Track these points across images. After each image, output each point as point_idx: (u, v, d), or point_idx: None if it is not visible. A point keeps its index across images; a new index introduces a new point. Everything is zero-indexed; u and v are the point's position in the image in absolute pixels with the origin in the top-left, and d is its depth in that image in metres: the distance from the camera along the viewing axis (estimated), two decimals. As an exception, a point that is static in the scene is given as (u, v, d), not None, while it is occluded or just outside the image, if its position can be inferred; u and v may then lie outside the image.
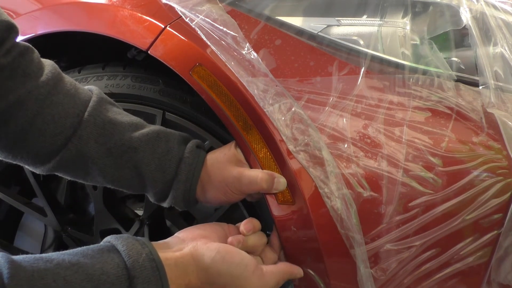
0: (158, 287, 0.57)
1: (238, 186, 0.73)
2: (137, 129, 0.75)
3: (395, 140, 0.73)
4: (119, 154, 0.72)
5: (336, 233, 0.71)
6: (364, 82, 0.77)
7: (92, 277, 0.54)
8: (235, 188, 0.74)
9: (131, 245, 0.59)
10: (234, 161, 0.75)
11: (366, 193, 0.71)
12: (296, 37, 0.80)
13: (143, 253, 0.58)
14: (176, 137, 0.77)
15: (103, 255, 0.57)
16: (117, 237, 0.61)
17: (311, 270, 0.74)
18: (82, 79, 0.92)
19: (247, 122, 0.74)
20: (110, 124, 0.72)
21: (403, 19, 0.85)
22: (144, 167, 0.73)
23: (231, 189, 0.74)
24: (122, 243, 0.59)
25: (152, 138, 0.74)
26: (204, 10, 0.79)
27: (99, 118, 0.72)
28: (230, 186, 0.74)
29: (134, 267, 0.56)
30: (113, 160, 0.72)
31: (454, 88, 0.78)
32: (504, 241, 0.74)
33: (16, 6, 0.98)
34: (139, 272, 0.56)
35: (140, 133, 0.74)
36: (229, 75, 0.75)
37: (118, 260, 0.57)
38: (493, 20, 0.84)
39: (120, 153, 0.72)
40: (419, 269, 0.73)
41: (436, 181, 0.72)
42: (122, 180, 0.75)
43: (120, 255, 0.57)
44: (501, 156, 0.74)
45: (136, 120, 0.76)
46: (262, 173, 0.72)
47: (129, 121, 0.75)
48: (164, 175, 0.74)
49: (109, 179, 0.74)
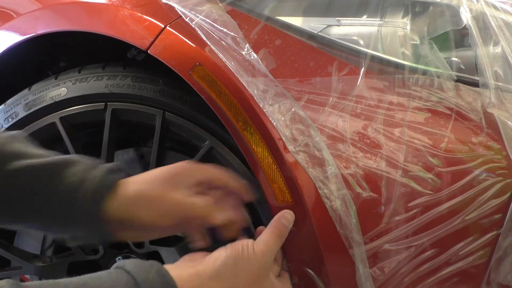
0: None
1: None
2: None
3: (395, 140, 0.73)
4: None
5: (335, 233, 0.71)
6: (364, 83, 0.77)
7: None
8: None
9: (139, 264, 0.58)
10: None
11: (366, 194, 0.71)
12: (296, 37, 0.80)
13: (152, 271, 0.57)
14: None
15: (111, 275, 0.56)
16: (124, 261, 0.60)
17: (310, 270, 0.74)
18: (82, 79, 0.92)
19: (247, 122, 0.74)
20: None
21: (403, 19, 0.85)
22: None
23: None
24: (130, 263, 0.58)
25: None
26: (204, 10, 0.79)
27: None
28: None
29: (144, 282, 0.56)
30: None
31: (454, 89, 0.78)
32: (504, 241, 0.74)
33: (16, 6, 0.98)
34: (149, 287, 0.56)
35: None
36: (229, 75, 0.75)
37: (127, 278, 0.56)
38: (493, 20, 0.84)
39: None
40: (418, 269, 0.73)
41: (436, 181, 0.72)
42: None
43: (129, 274, 0.57)
44: (500, 156, 0.74)
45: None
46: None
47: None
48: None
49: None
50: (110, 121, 0.89)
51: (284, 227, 0.71)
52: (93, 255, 0.94)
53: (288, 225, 0.71)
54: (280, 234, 0.70)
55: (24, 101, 0.94)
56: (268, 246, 0.68)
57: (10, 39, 0.94)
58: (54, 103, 0.91)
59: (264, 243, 0.68)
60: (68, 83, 0.91)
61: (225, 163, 0.85)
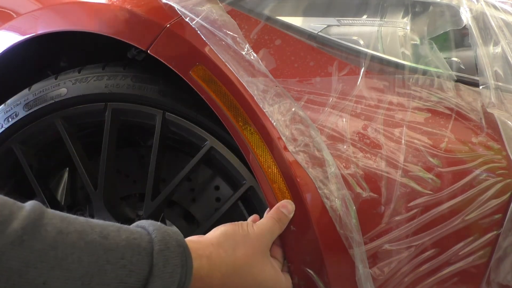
0: (182, 261, 0.57)
1: None
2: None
3: (395, 140, 0.73)
4: None
5: (335, 233, 0.71)
6: (364, 83, 0.77)
7: (119, 231, 0.54)
8: None
9: (158, 225, 0.59)
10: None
11: (366, 194, 0.71)
12: (296, 37, 0.80)
13: (170, 232, 0.58)
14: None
15: (130, 228, 0.57)
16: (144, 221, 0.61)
17: (310, 270, 0.74)
18: (82, 79, 0.92)
19: (247, 122, 0.74)
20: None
21: (403, 19, 0.85)
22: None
23: None
24: (150, 223, 0.59)
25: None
26: (204, 10, 0.79)
27: None
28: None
29: (161, 240, 0.56)
30: None
31: (454, 89, 0.78)
32: (504, 241, 0.74)
33: (16, 6, 0.98)
34: (164, 243, 0.56)
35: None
36: (229, 75, 0.75)
37: (144, 232, 0.57)
38: (493, 20, 0.84)
39: None
40: (418, 269, 0.73)
41: (436, 181, 0.72)
42: None
43: (147, 230, 0.57)
44: (500, 156, 0.74)
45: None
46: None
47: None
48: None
49: None
50: (110, 121, 0.89)
51: (283, 214, 0.71)
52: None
53: (287, 213, 0.71)
54: (279, 219, 0.71)
55: (24, 101, 0.94)
56: (266, 227, 0.69)
57: (10, 39, 0.94)
58: (54, 103, 0.91)
59: (263, 224, 0.69)
60: (68, 83, 0.91)
61: (225, 163, 0.85)
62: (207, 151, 0.85)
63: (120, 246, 0.53)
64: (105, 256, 0.51)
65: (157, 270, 0.54)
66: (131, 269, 0.53)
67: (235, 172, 0.85)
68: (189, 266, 0.57)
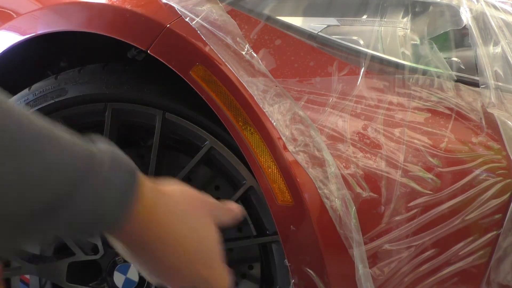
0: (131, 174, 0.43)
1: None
2: None
3: (395, 140, 0.73)
4: None
5: (335, 233, 0.71)
6: (364, 83, 0.77)
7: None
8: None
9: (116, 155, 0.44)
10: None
11: (366, 194, 0.71)
12: (296, 37, 0.80)
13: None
14: None
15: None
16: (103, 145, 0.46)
17: (310, 270, 0.75)
18: (82, 79, 0.92)
19: (247, 122, 0.74)
20: None
21: (403, 19, 0.85)
22: None
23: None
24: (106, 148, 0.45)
25: None
26: (204, 10, 0.79)
27: None
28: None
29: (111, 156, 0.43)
30: None
31: (454, 89, 0.78)
32: (504, 241, 0.74)
33: (16, 6, 0.98)
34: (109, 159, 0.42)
35: None
36: (229, 75, 0.75)
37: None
38: (493, 20, 0.84)
39: None
40: (418, 269, 0.73)
41: (436, 181, 0.72)
42: None
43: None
44: (500, 156, 0.74)
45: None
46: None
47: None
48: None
49: None
50: (110, 121, 0.89)
51: (234, 213, 0.55)
52: (93, 255, 0.94)
53: (235, 215, 0.54)
54: (228, 212, 0.55)
55: (24, 101, 0.94)
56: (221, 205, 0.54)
57: (10, 39, 0.94)
58: (54, 103, 0.91)
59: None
60: (68, 83, 0.91)
61: (225, 163, 0.85)
62: (207, 151, 0.85)
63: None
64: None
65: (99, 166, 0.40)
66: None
67: (235, 172, 0.85)
68: (137, 183, 0.45)
